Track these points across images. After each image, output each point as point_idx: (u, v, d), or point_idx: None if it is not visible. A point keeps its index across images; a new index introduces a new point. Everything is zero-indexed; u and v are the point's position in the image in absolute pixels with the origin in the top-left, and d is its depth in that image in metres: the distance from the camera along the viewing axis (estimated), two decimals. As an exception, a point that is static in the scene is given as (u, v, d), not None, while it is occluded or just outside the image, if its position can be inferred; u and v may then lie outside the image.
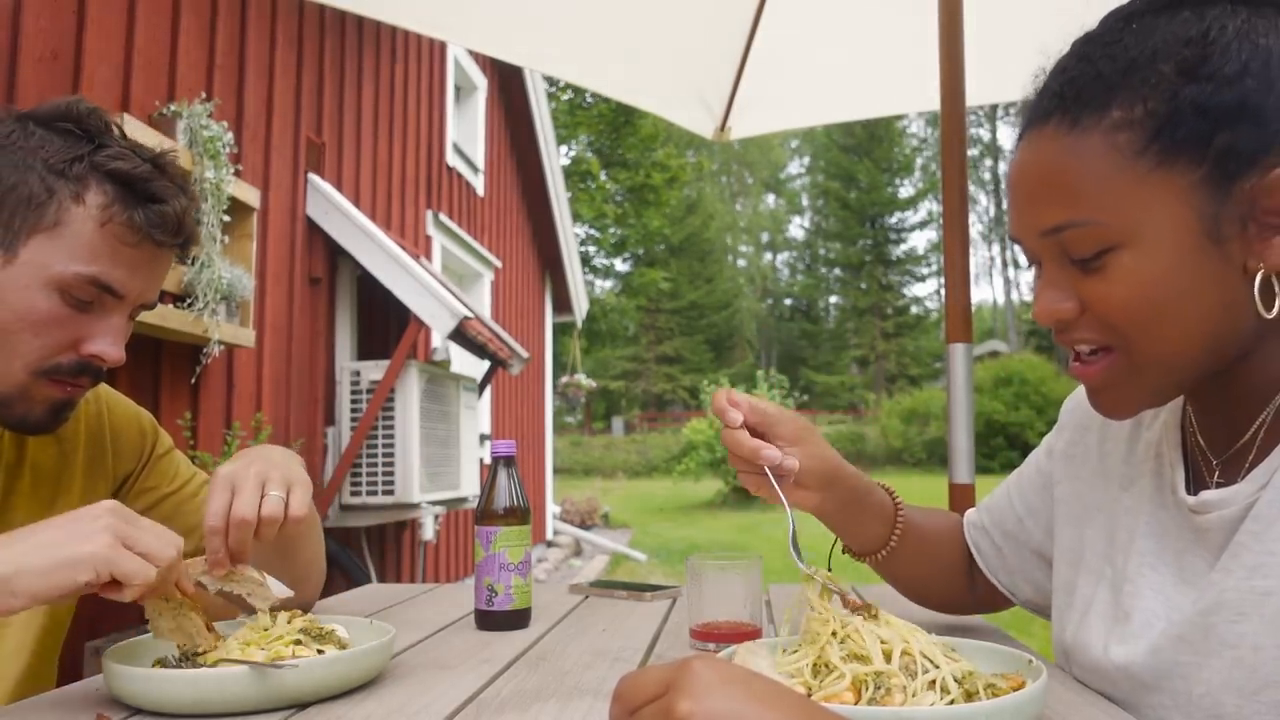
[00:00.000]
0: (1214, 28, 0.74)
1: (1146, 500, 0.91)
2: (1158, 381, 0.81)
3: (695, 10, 2.54)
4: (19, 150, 1.02)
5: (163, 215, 1.05)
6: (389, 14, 2.62)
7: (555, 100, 17.82)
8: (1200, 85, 0.73)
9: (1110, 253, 0.77)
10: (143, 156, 1.07)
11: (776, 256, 49.74)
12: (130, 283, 1.06)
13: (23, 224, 1.00)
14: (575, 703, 0.90)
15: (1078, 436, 1.04)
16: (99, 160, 1.03)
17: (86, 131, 1.05)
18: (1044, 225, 0.80)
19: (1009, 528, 1.13)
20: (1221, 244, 0.75)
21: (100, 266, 1.03)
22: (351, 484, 4.55)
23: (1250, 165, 0.73)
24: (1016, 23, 2.27)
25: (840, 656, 0.76)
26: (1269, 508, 0.76)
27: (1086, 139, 0.77)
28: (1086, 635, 0.92)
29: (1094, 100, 0.77)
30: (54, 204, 1.01)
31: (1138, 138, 0.75)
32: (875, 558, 1.12)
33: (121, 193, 1.04)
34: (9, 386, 1.03)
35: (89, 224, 1.02)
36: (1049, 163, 0.79)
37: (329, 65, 4.78)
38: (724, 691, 0.55)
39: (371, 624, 1.08)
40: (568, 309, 11.21)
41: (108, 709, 0.89)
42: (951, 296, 2.00)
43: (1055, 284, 0.82)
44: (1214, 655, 0.76)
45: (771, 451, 0.98)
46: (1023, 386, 20.66)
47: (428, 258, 6.20)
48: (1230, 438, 0.84)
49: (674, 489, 18.13)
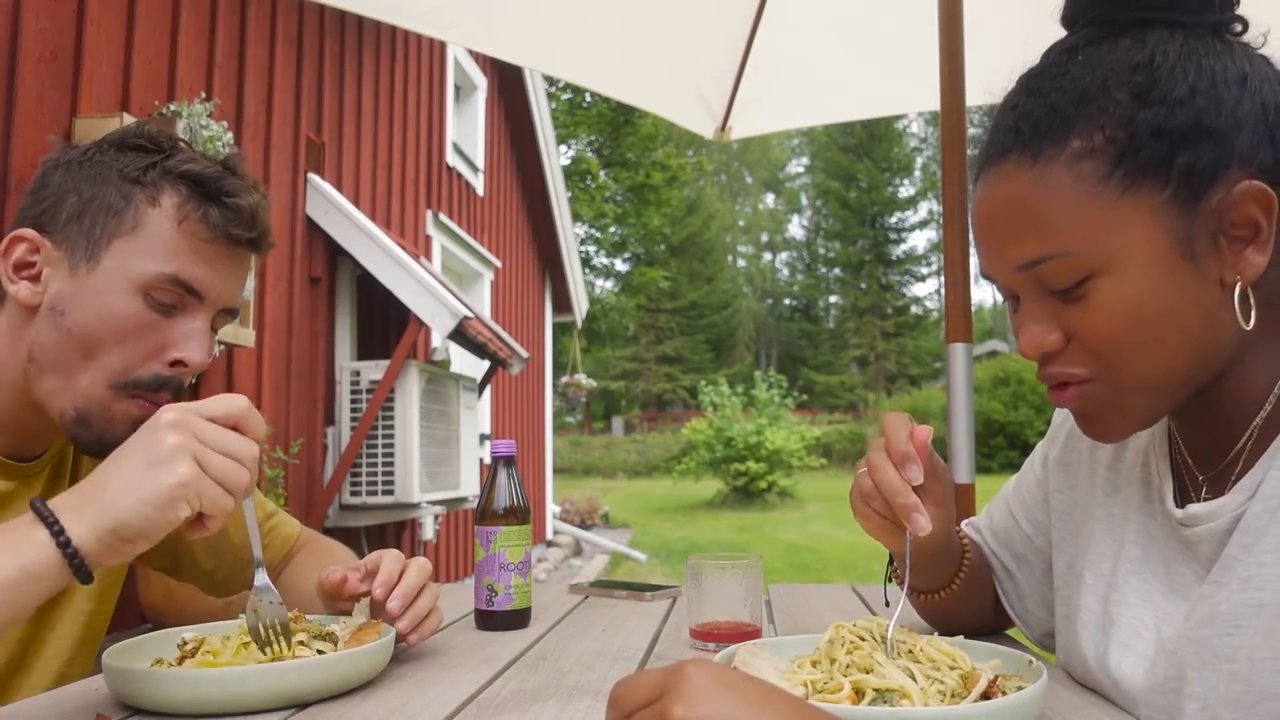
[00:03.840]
0: (1157, 53, 0.76)
1: (1134, 509, 0.91)
2: (1143, 405, 0.81)
3: (696, 10, 2.54)
4: (96, 166, 1.05)
5: (237, 210, 1.07)
6: (389, 14, 2.63)
7: (555, 100, 17.82)
8: (1154, 109, 0.75)
9: (1090, 280, 0.77)
10: (213, 160, 1.10)
11: (776, 256, 49.77)
12: (209, 281, 1.07)
13: (103, 232, 1.03)
14: (575, 703, 0.90)
15: (1070, 444, 1.04)
16: (171, 165, 1.06)
17: (157, 144, 1.08)
18: (1019, 260, 0.80)
19: (1018, 549, 1.10)
20: (1196, 260, 0.76)
21: (179, 264, 1.04)
22: (351, 484, 4.55)
23: (1214, 181, 0.75)
24: (1016, 23, 2.27)
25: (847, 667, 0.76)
26: (1256, 520, 0.76)
27: (1050, 171, 0.77)
28: (1078, 644, 0.92)
29: (1051, 132, 0.78)
30: (131, 209, 1.04)
31: (1101, 165, 0.76)
32: (933, 597, 1.08)
33: (195, 192, 1.06)
34: (90, 402, 1.03)
35: (166, 224, 1.04)
36: (1015, 198, 0.79)
37: (329, 65, 4.78)
38: (718, 696, 0.55)
39: (370, 623, 1.08)
40: (567, 309, 11.21)
41: (108, 709, 0.89)
42: (951, 296, 2.00)
43: (1037, 317, 0.81)
44: (1208, 669, 0.76)
45: (924, 519, 0.88)
46: (1021, 386, 20.66)
47: (428, 258, 6.20)
48: (1216, 453, 0.84)
49: (674, 489, 18.14)
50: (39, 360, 1.02)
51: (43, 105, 2.73)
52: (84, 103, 2.87)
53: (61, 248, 1.03)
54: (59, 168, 1.07)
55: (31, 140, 2.69)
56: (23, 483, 1.08)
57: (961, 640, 0.85)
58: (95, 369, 1.02)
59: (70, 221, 1.03)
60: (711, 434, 16.33)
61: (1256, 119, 0.75)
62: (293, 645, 0.95)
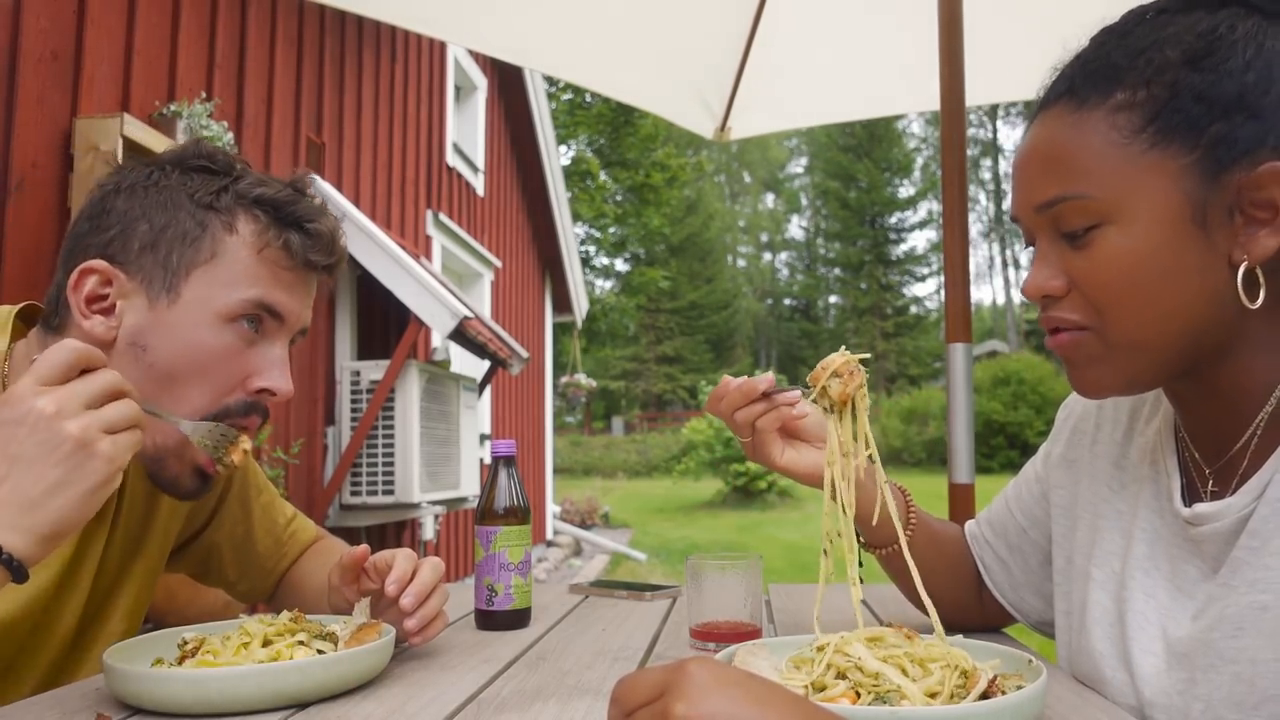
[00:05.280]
0: (1224, 25, 0.77)
1: (1142, 506, 0.91)
2: (1131, 364, 0.82)
3: (695, 10, 2.54)
4: (163, 190, 1.02)
5: (317, 235, 1.06)
6: (389, 14, 2.62)
7: (555, 100, 17.82)
8: (1203, 74, 0.76)
9: (1098, 228, 0.79)
10: (280, 182, 1.07)
11: (776, 256, 49.76)
12: (290, 306, 1.05)
13: (180, 261, 1.00)
14: (575, 703, 0.90)
15: (1074, 440, 1.04)
16: (241, 189, 1.03)
17: (219, 165, 1.05)
18: (1039, 199, 0.82)
19: (1013, 540, 1.12)
20: (1208, 231, 0.76)
21: (262, 289, 1.02)
22: (351, 484, 4.55)
23: (1241, 156, 0.75)
24: (1016, 23, 2.28)
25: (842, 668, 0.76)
26: (1264, 523, 0.76)
27: (1089, 118, 0.79)
28: (1089, 642, 0.92)
29: (1101, 83, 0.80)
30: (208, 237, 1.01)
31: (1137, 119, 0.77)
32: (884, 552, 1.11)
33: (272, 218, 1.04)
34: (170, 439, 1.01)
35: (245, 251, 1.02)
36: (1051, 140, 0.82)
37: (329, 65, 4.78)
38: (720, 694, 0.56)
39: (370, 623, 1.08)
40: (567, 309, 11.21)
41: (108, 709, 0.89)
42: (951, 296, 2.00)
43: (1046, 260, 0.84)
44: (1213, 671, 0.76)
45: (764, 380, 1.01)
46: (1021, 386, 20.66)
47: (428, 258, 6.20)
48: (1220, 447, 0.84)
49: (674, 489, 18.14)
50: None
51: (43, 105, 2.73)
52: (84, 103, 2.87)
53: (136, 279, 0.99)
54: (120, 192, 1.02)
55: (31, 141, 2.69)
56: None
57: (961, 640, 0.85)
58: (180, 404, 1.00)
59: (144, 251, 0.99)
60: (711, 434, 16.32)
61: None
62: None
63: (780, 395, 1.01)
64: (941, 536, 1.16)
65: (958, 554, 1.17)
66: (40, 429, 0.78)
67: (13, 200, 2.64)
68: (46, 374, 0.80)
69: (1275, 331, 0.79)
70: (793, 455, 1.05)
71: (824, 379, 0.93)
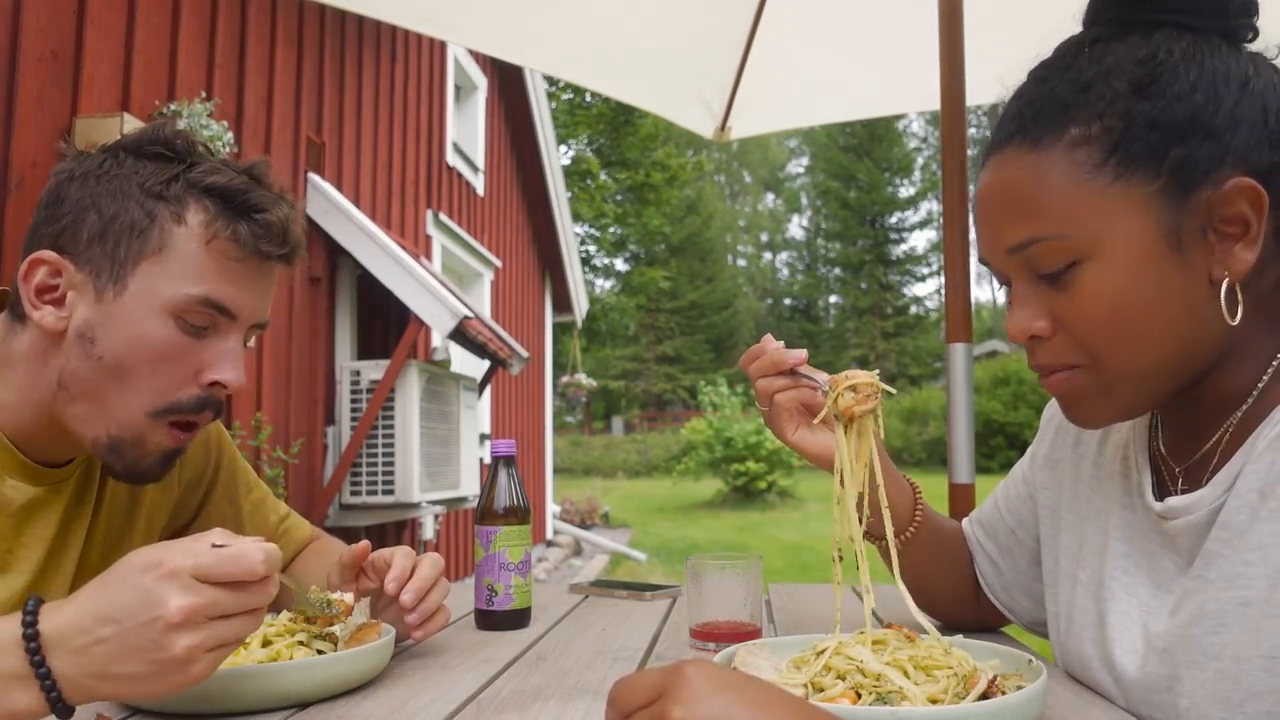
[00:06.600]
0: (1161, 50, 0.78)
1: (1115, 503, 0.92)
2: (1128, 396, 0.82)
3: (696, 10, 2.54)
4: (114, 179, 0.99)
5: (267, 225, 1.02)
6: (389, 14, 2.63)
7: (555, 100, 17.81)
8: (1153, 102, 0.76)
9: (1077, 266, 0.79)
10: (236, 169, 1.04)
11: (776, 256, 49.76)
12: (241, 300, 1.02)
13: (127, 252, 0.98)
14: (575, 703, 0.90)
15: (1058, 440, 1.05)
16: (194, 177, 1.00)
17: (176, 152, 1.02)
18: (1010, 242, 0.82)
19: (1002, 541, 1.13)
20: (1184, 254, 0.77)
21: (209, 285, 0.99)
22: (351, 484, 4.55)
23: (1204, 177, 0.76)
24: (1017, 23, 2.27)
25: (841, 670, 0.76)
26: (1234, 515, 0.76)
27: (1047, 156, 0.79)
28: (1078, 644, 0.93)
29: (1052, 120, 0.80)
30: (156, 228, 0.98)
31: (1096, 153, 0.78)
32: (881, 544, 1.10)
33: (222, 207, 1.01)
34: (125, 430, 1.00)
35: (193, 243, 0.99)
36: (1012, 182, 0.81)
37: (329, 65, 4.78)
38: (716, 697, 0.56)
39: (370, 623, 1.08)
40: (567, 308, 11.22)
41: (108, 709, 0.89)
42: (951, 296, 2.00)
43: (1026, 302, 0.83)
44: (1197, 668, 0.76)
45: (798, 354, 1.00)
46: (1021, 386, 20.65)
47: (428, 257, 6.20)
48: (1192, 446, 0.85)
49: (674, 489, 18.13)
50: (70, 388, 0.98)
51: (43, 105, 2.73)
52: (84, 103, 2.87)
53: (85, 270, 0.98)
54: (74, 180, 1.01)
55: (31, 140, 2.69)
56: (51, 489, 1.05)
57: (961, 640, 0.86)
58: (131, 396, 0.98)
59: (93, 242, 0.98)
60: (711, 434, 16.31)
61: (1255, 121, 0.76)
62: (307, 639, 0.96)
63: (805, 378, 1.01)
64: (946, 534, 1.16)
65: (960, 552, 1.18)
66: (156, 628, 0.73)
67: (12, 199, 2.64)
68: (209, 572, 0.74)
69: (1252, 339, 0.80)
70: (804, 434, 1.05)
71: (841, 386, 0.93)
